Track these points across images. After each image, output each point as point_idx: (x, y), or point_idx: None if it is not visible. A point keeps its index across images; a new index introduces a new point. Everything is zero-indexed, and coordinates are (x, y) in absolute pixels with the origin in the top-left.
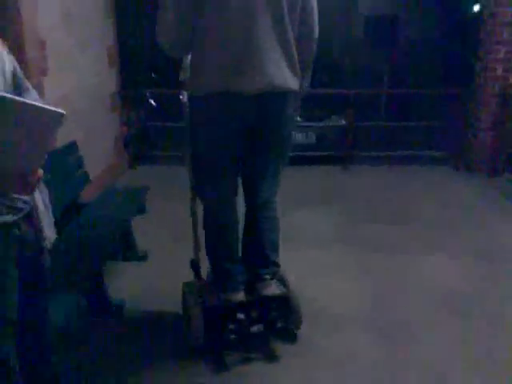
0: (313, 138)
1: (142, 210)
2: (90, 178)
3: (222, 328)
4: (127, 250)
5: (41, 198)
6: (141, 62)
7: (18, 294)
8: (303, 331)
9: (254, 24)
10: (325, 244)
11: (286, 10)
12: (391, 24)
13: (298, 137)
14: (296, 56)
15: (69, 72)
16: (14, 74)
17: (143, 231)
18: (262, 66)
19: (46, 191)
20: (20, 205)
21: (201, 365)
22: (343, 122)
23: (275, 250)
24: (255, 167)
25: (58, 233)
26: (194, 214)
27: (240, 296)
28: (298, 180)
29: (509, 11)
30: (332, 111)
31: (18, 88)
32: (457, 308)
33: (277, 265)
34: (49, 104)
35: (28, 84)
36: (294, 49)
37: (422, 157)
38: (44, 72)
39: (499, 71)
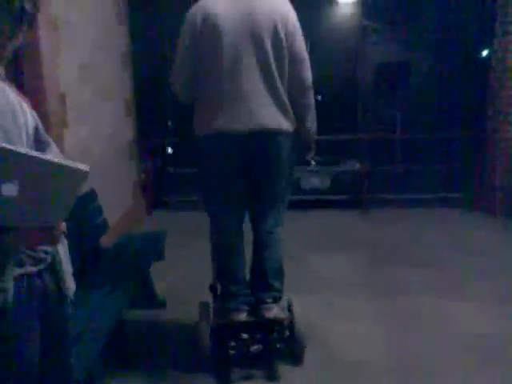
0: (328, 182)
1: (160, 256)
2: (109, 224)
3: (225, 345)
4: (145, 297)
5: (62, 248)
6: (157, 111)
7: (40, 345)
8: (315, 376)
9: (243, 74)
10: (345, 288)
11: (272, 63)
12: (402, 70)
13: (314, 181)
14: (286, 101)
15: (88, 123)
16: (36, 130)
17: (161, 277)
18: (250, 109)
19: (65, 242)
20: (42, 255)
21: (208, 377)
22: (358, 166)
23: (276, 276)
24: (257, 202)
25: (79, 281)
26: (212, 245)
27: (242, 316)
28: (316, 224)
29: None
30: (347, 156)
31: (40, 143)
32: (487, 354)
33: (278, 290)
34: (71, 159)
35: (49, 138)
36: (283, 95)
37: (438, 199)
38: (64, 124)
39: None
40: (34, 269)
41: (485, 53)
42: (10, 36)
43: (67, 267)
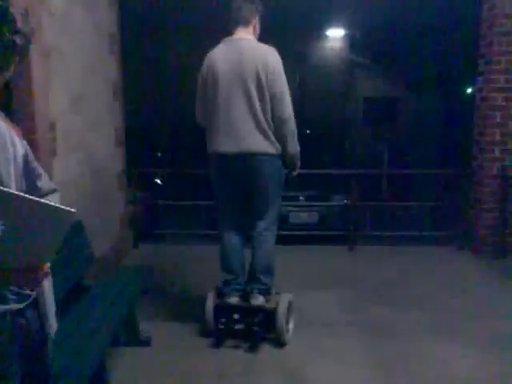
0: (316, 218)
1: (145, 292)
2: (96, 257)
3: (218, 321)
4: (129, 333)
5: (47, 285)
6: (147, 141)
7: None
8: None
9: (233, 109)
10: (332, 327)
11: (255, 100)
12: (390, 105)
13: (302, 216)
14: (267, 130)
15: (77, 152)
16: (26, 160)
17: (146, 313)
18: (238, 135)
19: (50, 278)
20: (27, 291)
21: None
22: (346, 202)
23: (264, 272)
24: (250, 210)
25: (61, 317)
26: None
27: (233, 300)
28: (304, 259)
29: (499, 96)
30: (335, 191)
31: (30, 174)
32: None
33: (265, 284)
34: (59, 188)
35: (40, 169)
36: (265, 125)
37: (425, 237)
38: (53, 153)
39: (496, 153)
40: (18, 306)
41: (469, 90)
42: (2, 68)
43: (51, 305)
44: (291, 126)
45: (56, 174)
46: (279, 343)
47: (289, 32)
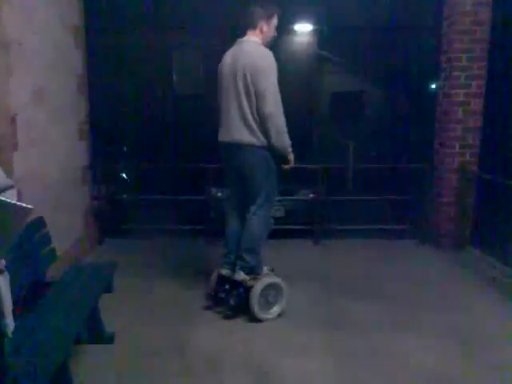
0: (282, 212)
1: (109, 289)
2: (58, 253)
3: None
4: (93, 331)
5: (2, 282)
6: (112, 135)
7: None
8: None
9: (229, 104)
10: (296, 321)
11: (243, 98)
12: (357, 100)
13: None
14: (253, 124)
15: (40, 146)
16: None
17: (110, 311)
18: (230, 127)
19: (7, 276)
20: None
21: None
22: (312, 196)
23: (247, 251)
24: (245, 194)
25: (21, 316)
26: None
27: (223, 271)
28: (270, 254)
29: (461, 92)
30: (300, 185)
31: None
32: None
33: (247, 262)
34: (21, 183)
35: None
36: (250, 120)
37: (389, 230)
38: (14, 147)
39: (457, 148)
40: None
41: (433, 86)
42: None
43: (7, 304)
44: (274, 121)
45: (17, 169)
46: (254, 319)
47: None
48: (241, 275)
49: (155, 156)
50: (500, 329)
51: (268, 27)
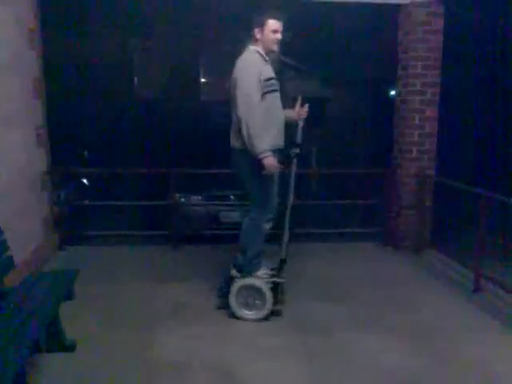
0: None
1: (70, 296)
2: (16, 262)
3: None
4: (53, 339)
5: None
6: (72, 140)
7: None
8: None
9: (232, 112)
10: (263, 324)
11: (233, 102)
12: (319, 106)
13: (234, 215)
14: (237, 126)
15: None
16: None
17: (71, 318)
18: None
19: None
20: None
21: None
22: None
23: (241, 251)
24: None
25: None
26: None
27: (231, 269)
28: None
29: (417, 98)
30: None
31: None
32: None
33: (236, 258)
34: None
35: None
36: (237, 122)
37: (353, 234)
38: None
39: (415, 153)
40: None
41: (392, 93)
42: None
43: None
44: (244, 125)
45: None
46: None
47: (219, 33)
48: (232, 272)
49: (118, 161)
50: (458, 327)
51: (262, 34)
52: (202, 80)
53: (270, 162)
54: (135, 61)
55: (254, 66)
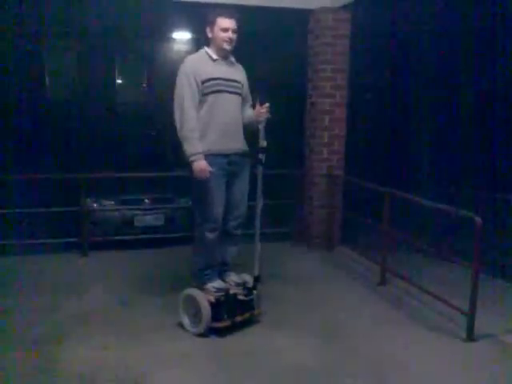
0: (161, 220)
1: None
2: None
3: None
4: None
5: None
6: None
7: None
8: None
9: None
10: (168, 330)
11: None
12: None
13: (148, 219)
14: None
15: None
16: None
17: None
18: None
19: None
20: None
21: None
22: (191, 204)
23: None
24: None
25: None
26: None
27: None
28: (149, 263)
29: (327, 101)
30: (180, 193)
31: None
32: None
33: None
34: None
35: None
36: None
37: (266, 234)
38: None
39: (325, 153)
40: None
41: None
42: None
43: None
44: (179, 127)
45: None
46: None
47: (138, 34)
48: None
49: (26, 166)
50: (368, 322)
51: (212, 33)
52: (118, 81)
53: (199, 166)
54: (47, 61)
55: (189, 66)
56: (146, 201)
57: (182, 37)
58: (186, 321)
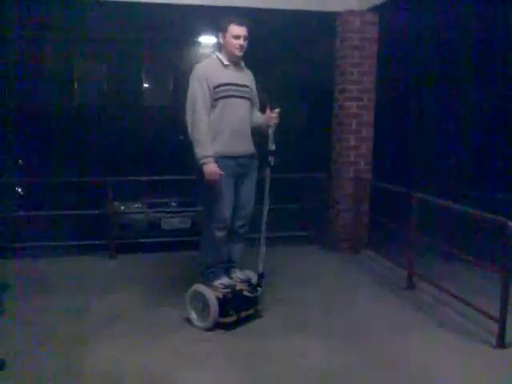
0: (188, 223)
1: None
2: None
3: None
4: None
5: None
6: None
7: None
8: None
9: None
10: (191, 332)
11: None
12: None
13: (175, 222)
14: None
15: None
16: None
17: (1, 335)
18: None
19: None
20: None
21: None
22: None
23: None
24: None
25: None
26: None
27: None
28: (177, 265)
29: (354, 104)
30: None
31: None
32: None
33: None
34: None
35: None
36: None
37: (292, 237)
38: None
39: (352, 157)
40: None
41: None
42: None
43: None
44: (191, 130)
45: None
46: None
47: (163, 38)
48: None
49: (53, 170)
50: (394, 326)
51: (224, 40)
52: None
53: (210, 169)
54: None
55: (201, 71)
56: (173, 204)
57: (207, 41)
58: (193, 315)
